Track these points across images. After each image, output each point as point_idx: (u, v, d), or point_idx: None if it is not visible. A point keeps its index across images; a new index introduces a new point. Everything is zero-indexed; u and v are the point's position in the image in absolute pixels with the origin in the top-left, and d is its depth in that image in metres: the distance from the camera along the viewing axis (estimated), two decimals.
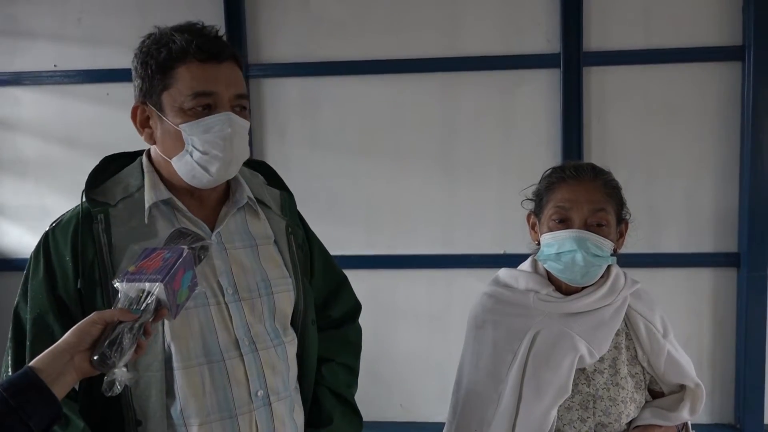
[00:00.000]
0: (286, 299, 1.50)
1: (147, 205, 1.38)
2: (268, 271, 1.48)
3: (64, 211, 1.42)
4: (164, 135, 1.38)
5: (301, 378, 1.58)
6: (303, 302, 1.54)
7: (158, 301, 1.14)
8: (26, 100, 4.05)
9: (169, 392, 1.35)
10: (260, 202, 1.54)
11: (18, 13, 4.00)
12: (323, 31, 3.84)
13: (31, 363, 1.08)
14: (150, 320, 1.14)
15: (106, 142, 4.09)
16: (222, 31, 1.41)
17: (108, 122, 3.90)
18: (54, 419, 1.07)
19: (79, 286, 1.33)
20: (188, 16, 1.48)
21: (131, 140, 1.54)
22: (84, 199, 1.38)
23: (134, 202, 1.40)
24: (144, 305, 1.13)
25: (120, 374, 1.09)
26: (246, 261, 1.46)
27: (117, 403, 1.32)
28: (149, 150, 1.47)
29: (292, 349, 1.52)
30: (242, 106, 1.39)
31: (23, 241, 4.08)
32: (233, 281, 1.42)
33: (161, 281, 1.12)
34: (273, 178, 1.65)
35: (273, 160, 3.58)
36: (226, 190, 1.50)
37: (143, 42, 1.38)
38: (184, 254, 1.18)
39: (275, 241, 1.53)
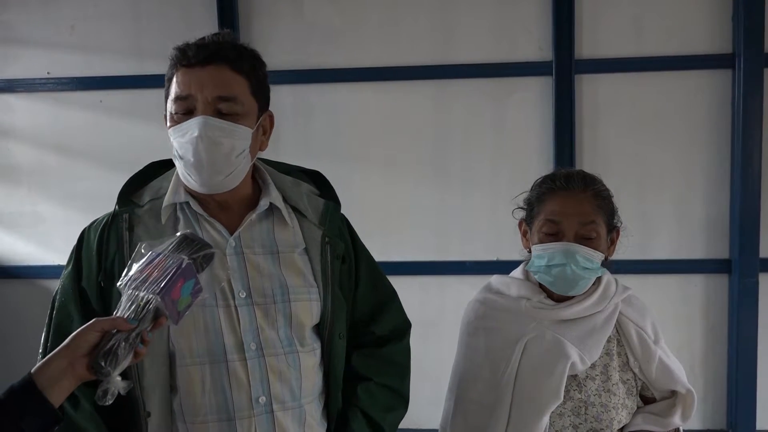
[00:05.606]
0: (305, 308, 1.47)
1: (163, 206, 1.43)
2: (287, 279, 1.46)
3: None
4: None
5: (326, 393, 1.54)
6: (330, 314, 1.50)
7: (157, 310, 1.16)
8: (19, 108, 4.04)
9: (173, 387, 1.40)
10: (295, 209, 1.53)
11: (11, 20, 3.99)
12: (316, 38, 3.84)
13: (33, 369, 1.10)
14: (148, 329, 1.17)
15: (100, 149, 4.13)
16: (234, 36, 1.44)
17: (101, 129, 3.89)
18: (48, 425, 1.08)
19: (100, 280, 1.40)
20: (181, 24, 1.50)
21: (124, 147, 1.54)
22: (117, 200, 1.46)
23: (160, 204, 1.45)
24: (142, 314, 1.15)
25: (114, 383, 1.12)
26: (264, 266, 1.45)
27: (129, 395, 1.36)
28: None
29: (309, 359, 1.48)
30: (227, 109, 1.36)
31: (16, 248, 4.05)
32: (247, 285, 1.42)
33: (158, 293, 1.15)
34: (325, 188, 1.64)
35: None
36: (255, 197, 1.51)
37: None
38: (183, 265, 1.20)
39: (306, 250, 1.51)
